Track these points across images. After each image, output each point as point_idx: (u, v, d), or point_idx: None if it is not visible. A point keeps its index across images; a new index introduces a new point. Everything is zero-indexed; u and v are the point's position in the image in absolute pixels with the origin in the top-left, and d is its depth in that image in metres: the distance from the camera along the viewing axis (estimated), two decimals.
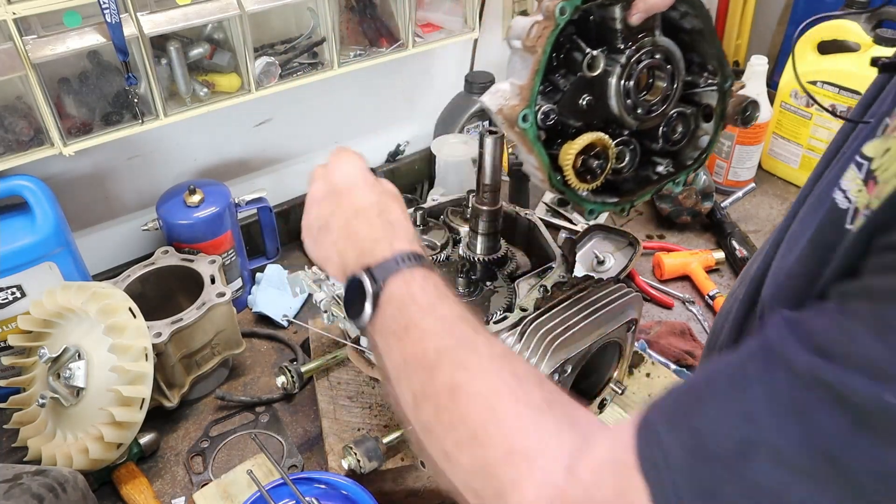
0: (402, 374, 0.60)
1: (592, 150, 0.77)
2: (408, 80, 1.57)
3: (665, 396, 0.45)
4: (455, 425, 0.53)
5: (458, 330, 0.58)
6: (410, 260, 0.63)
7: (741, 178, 1.64)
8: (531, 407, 0.52)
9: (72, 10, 0.98)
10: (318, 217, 0.73)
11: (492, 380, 0.54)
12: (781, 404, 0.38)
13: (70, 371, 0.98)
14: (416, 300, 0.61)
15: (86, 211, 1.28)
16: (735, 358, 0.42)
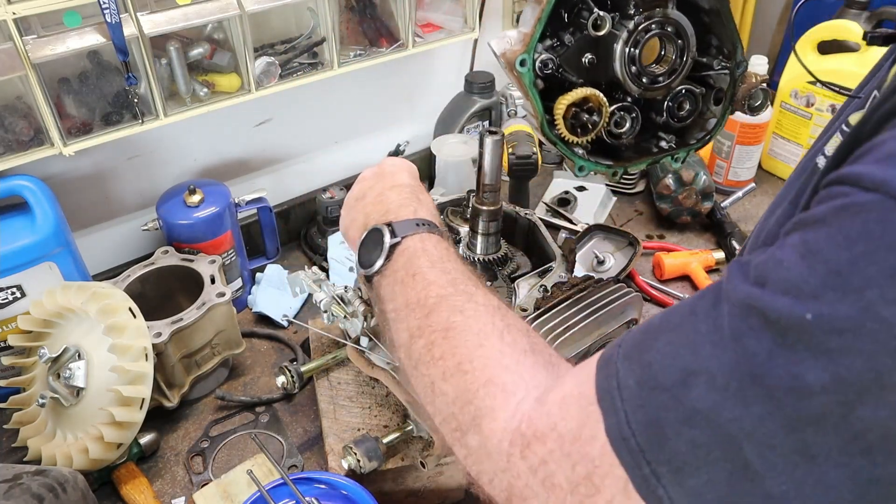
0: (401, 316, 0.65)
1: (586, 104, 0.80)
2: (408, 80, 1.57)
3: (626, 334, 0.48)
4: (444, 357, 0.58)
5: (461, 282, 0.64)
6: (429, 226, 0.70)
7: (741, 178, 1.64)
8: (515, 348, 0.57)
9: (72, 10, 0.98)
10: (359, 191, 0.80)
11: (483, 323, 0.59)
12: (721, 334, 0.40)
13: (70, 371, 0.98)
14: (427, 253, 0.67)
15: (86, 211, 1.28)
16: (690, 299, 0.45)
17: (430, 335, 0.60)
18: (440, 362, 0.58)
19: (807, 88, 1.55)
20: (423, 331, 0.61)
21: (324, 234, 1.42)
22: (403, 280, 0.66)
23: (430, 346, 0.60)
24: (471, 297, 0.62)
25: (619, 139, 0.88)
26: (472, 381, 0.55)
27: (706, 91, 0.88)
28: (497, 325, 0.59)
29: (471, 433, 0.54)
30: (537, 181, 1.55)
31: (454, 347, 0.58)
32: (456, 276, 0.64)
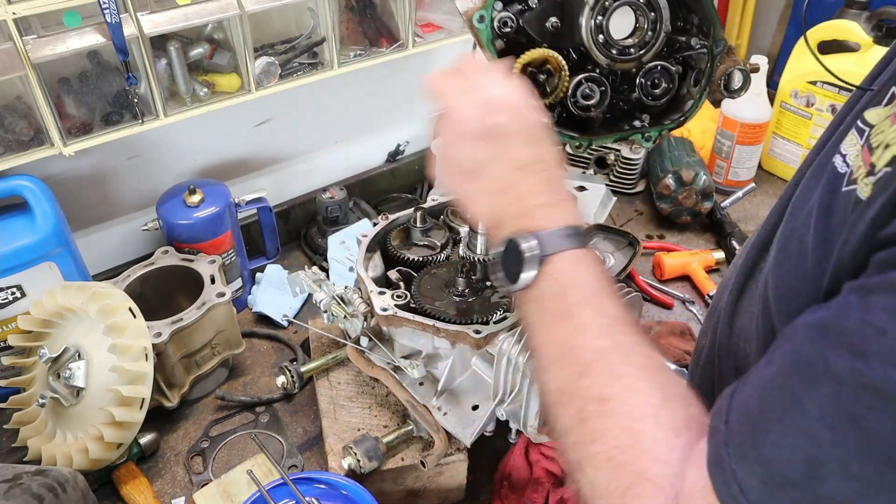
0: (551, 361, 0.59)
1: (544, 66, 0.79)
2: (408, 80, 1.57)
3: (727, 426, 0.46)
4: (595, 440, 0.53)
5: (617, 333, 0.57)
6: (576, 238, 0.61)
7: (741, 178, 1.64)
8: (668, 432, 0.52)
9: (72, 10, 0.98)
10: (469, 158, 0.67)
11: (640, 398, 0.53)
12: (835, 417, 0.38)
13: (70, 371, 0.98)
14: (581, 286, 0.59)
15: (86, 211, 1.28)
16: (779, 377, 0.43)
17: (582, 404, 0.55)
18: (591, 445, 0.54)
19: (807, 88, 1.55)
20: (574, 396, 0.56)
21: (324, 234, 1.42)
22: (554, 315, 0.59)
23: (583, 420, 0.55)
24: (628, 355, 0.55)
25: (587, 111, 0.86)
26: (623, 477, 0.51)
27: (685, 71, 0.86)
28: (653, 398, 0.53)
29: None
30: None
31: (606, 430, 0.53)
32: (612, 322, 0.57)
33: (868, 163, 0.46)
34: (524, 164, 0.65)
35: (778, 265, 0.55)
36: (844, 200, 0.47)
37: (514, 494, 0.98)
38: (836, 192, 0.48)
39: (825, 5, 1.73)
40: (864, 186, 0.45)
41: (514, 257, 0.61)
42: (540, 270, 0.60)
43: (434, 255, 1.07)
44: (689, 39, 0.83)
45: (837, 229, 0.47)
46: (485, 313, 0.93)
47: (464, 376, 0.96)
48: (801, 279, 0.50)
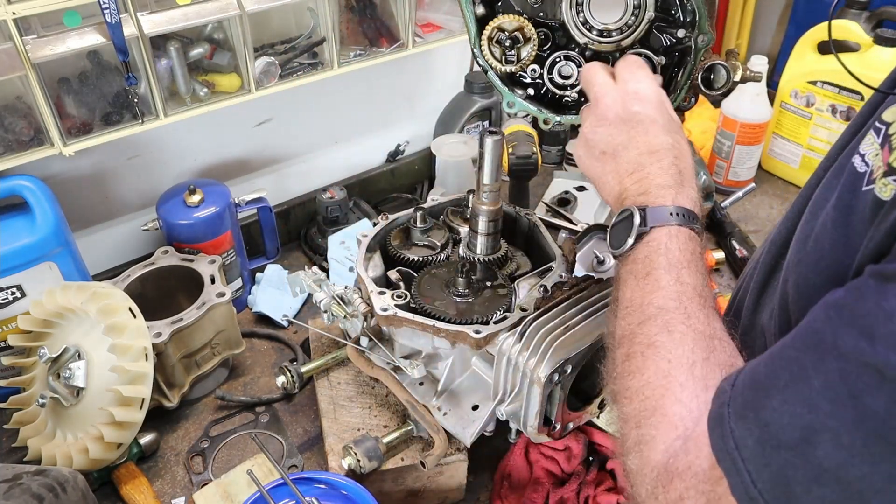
0: (622, 309, 0.65)
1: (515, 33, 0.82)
2: (408, 80, 1.57)
3: (733, 388, 0.49)
4: (633, 374, 0.59)
5: (686, 297, 0.62)
6: (684, 217, 0.66)
7: (741, 178, 1.64)
8: (698, 384, 0.56)
9: (72, 10, 0.98)
10: (607, 141, 0.73)
11: (682, 350, 0.58)
12: (836, 390, 0.41)
13: (70, 371, 0.98)
14: (669, 253, 0.64)
15: (86, 211, 1.28)
16: (791, 349, 0.46)
17: (633, 345, 0.61)
18: (629, 378, 0.60)
19: (807, 88, 1.55)
20: (631, 339, 0.62)
21: (324, 234, 1.42)
22: (638, 274, 0.65)
23: (628, 357, 0.61)
24: (688, 317, 0.60)
25: (564, 90, 0.87)
26: (645, 407, 0.57)
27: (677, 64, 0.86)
28: (696, 355, 0.57)
29: (633, 455, 0.57)
30: (537, 181, 1.55)
31: (645, 368, 0.59)
32: (684, 289, 0.62)
33: (886, 162, 0.47)
34: (656, 150, 0.70)
35: (798, 263, 0.57)
36: (864, 199, 0.48)
37: (514, 494, 0.98)
38: (856, 191, 0.50)
39: (825, 5, 1.73)
40: (882, 186, 0.47)
41: (625, 226, 0.67)
42: (640, 238, 0.66)
43: (434, 255, 1.07)
44: (675, 30, 0.82)
45: (859, 227, 0.49)
46: (485, 313, 0.93)
47: (464, 376, 0.96)
48: (821, 275, 0.52)
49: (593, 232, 1.28)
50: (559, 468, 0.99)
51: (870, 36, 1.45)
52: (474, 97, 1.55)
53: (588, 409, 0.92)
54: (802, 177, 1.64)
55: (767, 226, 1.55)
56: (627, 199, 0.69)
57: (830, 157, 0.66)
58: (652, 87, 0.74)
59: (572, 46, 0.85)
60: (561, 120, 0.89)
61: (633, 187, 0.69)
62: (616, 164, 0.72)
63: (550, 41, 0.87)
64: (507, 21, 0.82)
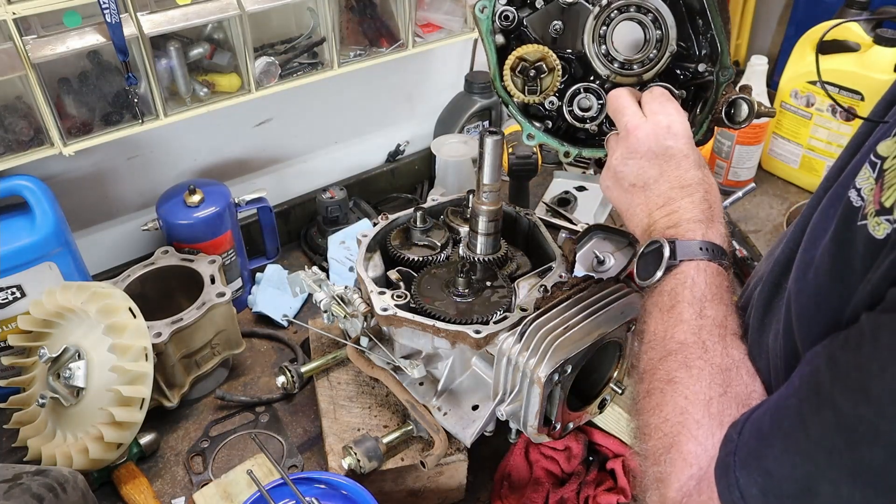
0: (646, 343, 0.67)
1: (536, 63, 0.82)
2: (408, 80, 1.57)
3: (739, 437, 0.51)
4: (653, 411, 0.61)
5: (706, 332, 0.63)
6: (713, 252, 0.67)
7: (741, 178, 1.64)
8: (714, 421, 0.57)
9: (72, 10, 0.98)
10: (637, 174, 0.74)
11: (700, 387, 0.59)
12: (833, 441, 0.42)
13: (70, 371, 0.98)
14: (695, 287, 0.66)
15: (86, 211, 1.28)
16: (793, 398, 0.48)
17: (654, 381, 0.63)
18: (649, 415, 0.62)
19: (807, 88, 1.55)
20: (652, 374, 0.64)
21: (324, 234, 1.42)
22: (662, 306, 0.66)
23: (649, 394, 0.63)
24: (706, 351, 0.61)
25: (583, 122, 0.87)
26: (663, 444, 0.58)
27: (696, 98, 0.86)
28: (712, 391, 0.59)
29: (652, 491, 0.59)
30: (537, 181, 1.55)
31: (664, 404, 0.60)
32: (705, 322, 0.63)
33: (878, 201, 0.48)
34: (687, 184, 0.71)
35: (798, 293, 0.58)
36: (859, 235, 0.49)
37: (514, 494, 0.98)
38: (850, 225, 0.51)
39: (825, 5, 1.73)
40: (875, 225, 0.47)
41: (653, 257, 0.68)
42: (669, 270, 0.67)
43: (434, 255, 1.07)
44: (696, 64, 0.83)
45: (855, 263, 0.49)
46: (485, 313, 0.93)
47: (464, 376, 0.96)
48: (820, 308, 0.53)
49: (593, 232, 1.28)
50: (559, 468, 0.99)
51: (870, 36, 1.45)
52: (474, 97, 1.55)
53: (588, 409, 0.92)
54: (802, 177, 1.64)
55: (767, 226, 1.55)
56: (656, 231, 0.70)
57: (829, 178, 0.66)
58: (682, 122, 0.75)
59: (592, 78, 0.85)
60: (582, 153, 0.89)
61: (663, 220, 0.70)
62: (646, 196, 0.73)
63: (569, 73, 0.87)
64: (530, 51, 0.81)
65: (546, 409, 0.85)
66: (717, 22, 0.80)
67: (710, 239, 0.68)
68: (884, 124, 0.60)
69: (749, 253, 1.41)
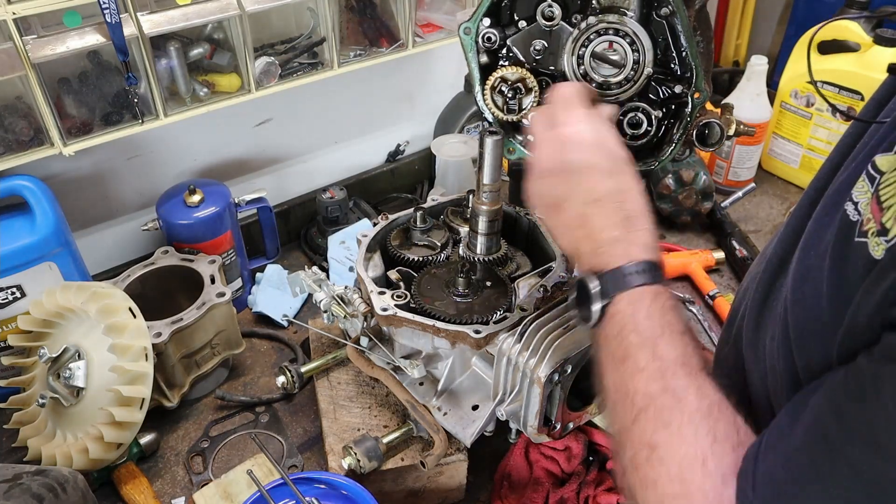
0: (612, 403, 0.61)
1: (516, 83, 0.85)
2: (408, 80, 1.57)
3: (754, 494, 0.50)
4: (647, 486, 0.55)
5: (671, 375, 0.58)
6: (643, 274, 0.62)
7: (741, 178, 1.64)
8: (716, 478, 0.53)
9: (72, 10, 0.98)
10: (549, 193, 0.70)
11: (689, 446, 0.54)
12: (852, 495, 0.44)
13: (70, 371, 0.98)
14: (638, 328, 0.60)
15: (86, 211, 1.28)
16: (804, 453, 0.47)
17: (635, 449, 0.57)
18: (645, 492, 0.56)
19: (807, 88, 1.55)
20: (628, 440, 0.58)
21: (324, 234, 1.42)
22: (614, 357, 0.62)
23: (636, 467, 0.57)
24: (679, 400, 0.56)
25: None
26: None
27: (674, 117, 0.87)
28: (703, 445, 0.54)
29: None
30: None
31: (658, 477, 0.55)
32: (667, 365, 0.58)
33: (878, 221, 0.47)
34: (599, 197, 0.66)
35: (795, 304, 0.57)
36: (857, 252, 0.48)
37: (514, 494, 0.98)
38: (848, 241, 0.50)
39: (825, 5, 1.73)
40: (875, 245, 0.47)
41: (584, 297, 0.64)
42: (605, 311, 0.63)
43: (434, 255, 1.07)
44: (674, 85, 0.84)
45: (853, 279, 0.49)
46: (485, 313, 0.93)
47: (464, 376, 0.96)
48: (817, 322, 0.53)
49: None
50: (559, 468, 0.99)
51: (869, 36, 1.45)
52: None
53: (588, 409, 0.92)
54: (802, 176, 1.64)
55: (767, 226, 1.55)
56: (583, 258, 0.67)
57: (821, 177, 0.66)
58: (588, 128, 0.70)
59: None
60: None
61: (585, 246, 0.67)
62: (562, 217, 0.69)
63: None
64: (510, 72, 0.84)
65: (546, 409, 0.85)
66: (691, 46, 0.81)
67: (633, 257, 0.63)
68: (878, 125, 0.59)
69: (749, 253, 1.41)
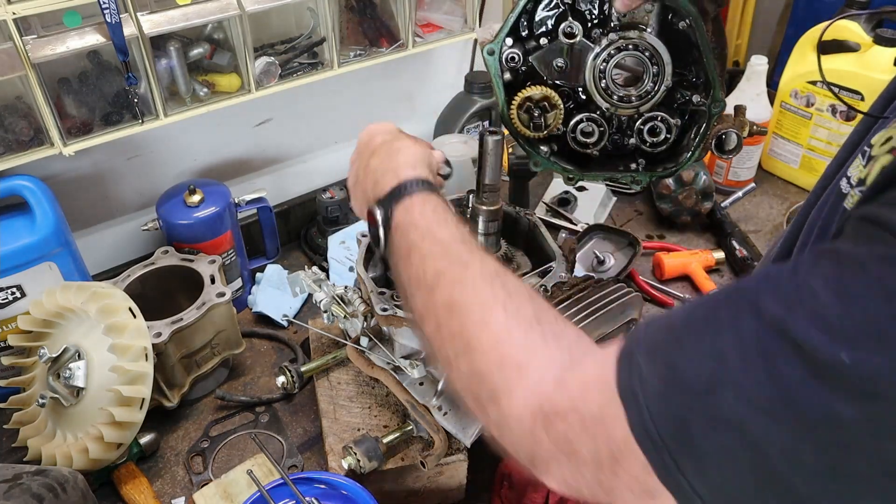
0: (408, 293, 0.67)
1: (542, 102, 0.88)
2: (408, 80, 1.57)
3: (647, 329, 0.50)
4: (453, 337, 0.59)
5: (454, 251, 0.64)
6: (411, 186, 0.71)
7: (741, 178, 1.64)
8: (521, 320, 0.57)
9: (72, 10, 0.98)
10: (353, 176, 0.82)
11: (484, 294, 0.59)
12: (748, 348, 0.42)
13: (70, 371, 0.98)
14: (416, 225, 0.68)
15: (86, 211, 1.28)
16: (711, 299, 0.47)
17: (436, 316, 0.61)
18: (450, 343, 0.60)
19: (807, 88, 1.55)
20: (429, 311, 0.63)
21: (324, 234, 1.42)
22: (402, 256, 0.68)
23: (439, 328, 0.61)
24: (466, 266, 0.62)
25: (586, 148, 0.92)
26: (484, 362, 0.56)
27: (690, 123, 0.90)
28: (498, 294, 0.59)
29: (490, 407, 0.56)
30: (537, 181, 1.55)
31: (461, 326, 0.59)
32: (448, 245, 0.65)
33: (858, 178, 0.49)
34: (376, 149, 0.78)
35: None
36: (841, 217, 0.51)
37: (514, 494, 0.98)
38: (837, 209, 0.52)
39: (825, 5, 1.73)
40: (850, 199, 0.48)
41: (374, 226, 0.72)
42: (388, 229, 0.71)
43: None
44: (692, 95, 0.87)
45: None
46: None
47: None
48: None
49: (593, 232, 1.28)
50: None
51: (869, 36, 1.45)
52: (474, 97, 1.55)
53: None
54: (802, 177, 1.64)
55: (767, 226, 1.55)
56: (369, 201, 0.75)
57: (827, 175, 0.67)
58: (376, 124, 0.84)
59: (593, 108, 0.90)
60: (586, 178, 0.95)
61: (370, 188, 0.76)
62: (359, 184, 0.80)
63: (573, 101, 0.92)
64: (535, 92, 0.87)
65: None
66: (709, 59, 0.84)
67: (402, 178, 0.71)
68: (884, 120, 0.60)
69: (749, 253, 1.41)
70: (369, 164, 0.77)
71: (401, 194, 0.70)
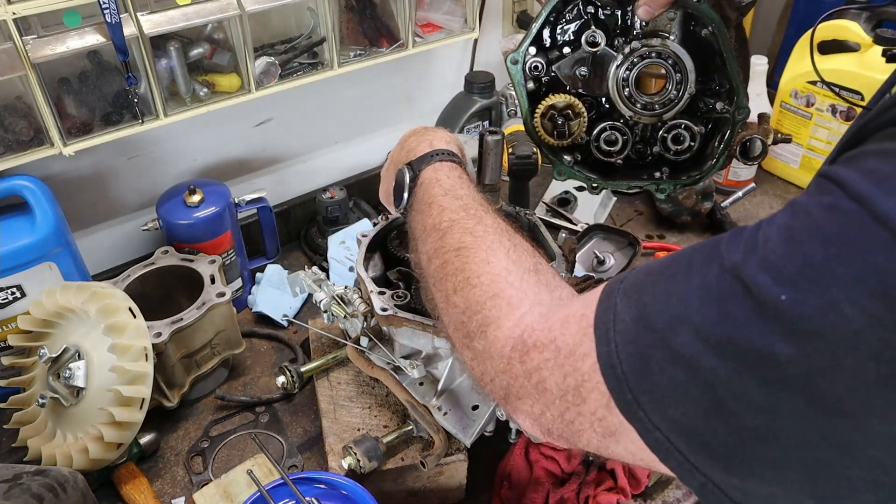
0: (422, 239, 0.74)
1: (566, 110, 0.89)
2: (408, 80, 1.57)
3: (631, 272, 0.53)
4: (456, 273, 0.66)
5: (471, 207, 0.71)
6: (442, 154, 0.79)
7: (741, 178, 1.64)
8: (520, 266, 0.63)
9: (72, 10, 0.98)
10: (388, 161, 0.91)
11: (491, 241, 0.66)
12: (709, 291, 0.45)
13: (70, 371, 0.98)
14: (441, 183, 0.75)
15: (86, 211, 1.28)
16: (691, 249, 0.50)
17: (444, 255, 0.68)
18: (452, 277, 0.66)
19: (807, 88, 1.55)
20: (438, 252, 0.69)
21: (324, 234, 1.42)
22: (422, 209, 0.75)
23: (444, 265, 0.67)
24: (480, 220, 0.69)
25: (610, 157, 0.92)
26: (479, 294, 0.62)
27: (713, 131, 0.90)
28: (504, 244, 0.65)
29: (477, 338, 0.61)
30: (537, 181, 1.55)
31: (465, 264, 0.65)
32: (467, 202, 0.72)
33: None
34: (412, 135, 0.86)
35: None
36: None
37: (514, 494, 0.98)
38: None
39: (825, 5, 1.73)
40: None
41: (398, 186, 0.80)
42: (414, 186, 0.78)
43: None
44: (715, 102, 0.87)
45: None
46: None
47: (464, 376, 0.96)
48: None
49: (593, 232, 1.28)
50: (559, 468, 0.99)
51: (869, 36, 1.45)
52: (474, 97, 1.55)
53: None
54: (803, 177, 1.64)
55: None
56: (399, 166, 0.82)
57: None
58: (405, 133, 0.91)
59: (617, 116, 0.90)
60: (606, 185, 0.95)
61: (402, 157, 0.83)
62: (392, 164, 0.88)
63: (596, 110, 0.92)
64: (559, 100, 0.88)
65: None
66: (732, 66, 0.84)
67: (435, 147, 0.80)
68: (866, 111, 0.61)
69: None
70: (405, 144, 0.85)
71: (431, 158, 0.78)
